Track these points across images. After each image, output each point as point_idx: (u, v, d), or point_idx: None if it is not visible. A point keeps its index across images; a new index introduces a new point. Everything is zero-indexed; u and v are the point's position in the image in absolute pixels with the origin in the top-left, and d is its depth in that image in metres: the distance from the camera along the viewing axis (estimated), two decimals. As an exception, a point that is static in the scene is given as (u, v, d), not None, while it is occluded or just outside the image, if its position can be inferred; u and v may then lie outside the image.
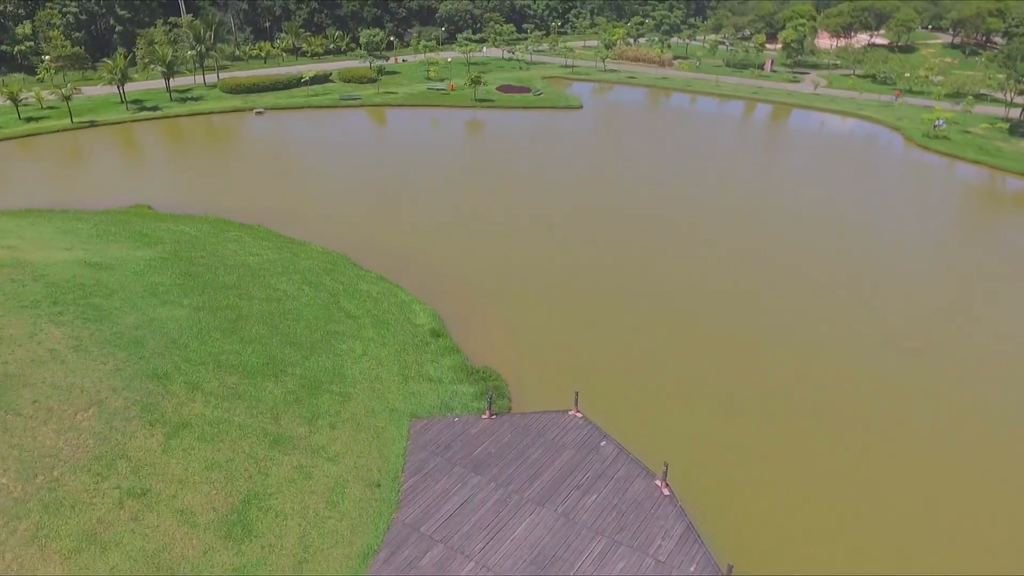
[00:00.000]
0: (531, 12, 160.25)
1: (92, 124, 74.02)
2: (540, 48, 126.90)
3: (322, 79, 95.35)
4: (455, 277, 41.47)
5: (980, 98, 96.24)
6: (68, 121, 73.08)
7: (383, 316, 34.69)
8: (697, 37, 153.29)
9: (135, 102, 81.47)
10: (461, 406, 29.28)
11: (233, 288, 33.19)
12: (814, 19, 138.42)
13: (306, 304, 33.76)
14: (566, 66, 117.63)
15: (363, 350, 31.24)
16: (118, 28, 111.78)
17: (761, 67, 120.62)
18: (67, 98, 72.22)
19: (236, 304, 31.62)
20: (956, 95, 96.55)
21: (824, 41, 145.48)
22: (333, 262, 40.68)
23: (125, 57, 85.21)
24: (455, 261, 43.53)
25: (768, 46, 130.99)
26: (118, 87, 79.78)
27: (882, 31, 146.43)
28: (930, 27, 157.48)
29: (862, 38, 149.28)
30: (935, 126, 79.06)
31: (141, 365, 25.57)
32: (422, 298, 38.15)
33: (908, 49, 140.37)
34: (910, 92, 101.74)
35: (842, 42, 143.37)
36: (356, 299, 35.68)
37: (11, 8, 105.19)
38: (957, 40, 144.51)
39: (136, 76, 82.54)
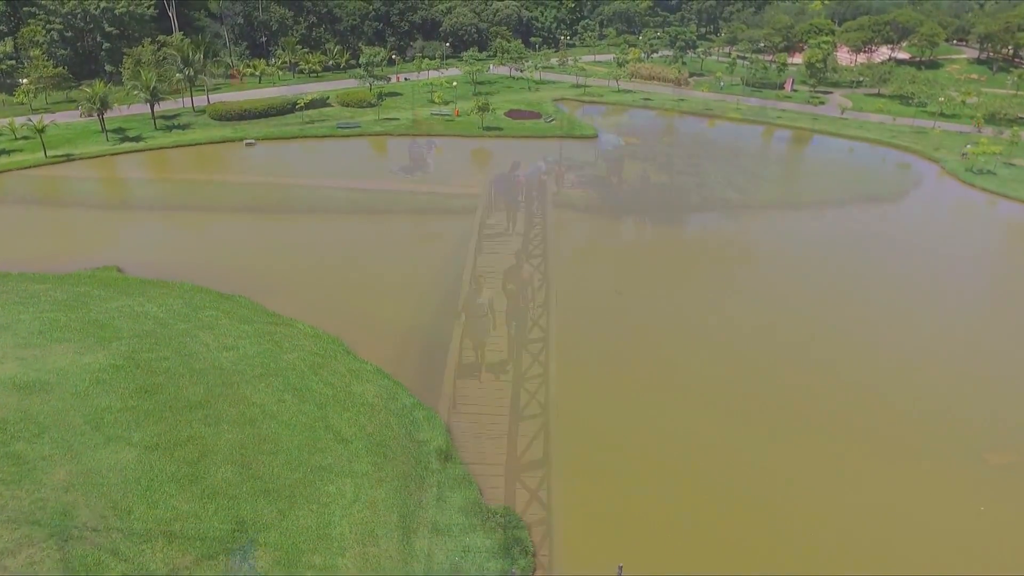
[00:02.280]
0: (539, 24, 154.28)
1: (68, 158, 68.34)
2: (548, 64, 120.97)
3: (319, 103, 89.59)
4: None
5: (1019, 122, 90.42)
6: (42, 155, 67.37)
7: (380, 435, 28.81)
8: (712, 50, 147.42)
9: (117, 131, 75.76)
10: (475, 569, 23.49)
11: (199, 408, 27.30)
12: (832, 33, 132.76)
13: (287, 425, 27.87)
14: (577, 85, 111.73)
15: (355, 493, 25.36)
16: (105, 45, 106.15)
17: (782, 87, 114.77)
18: (40, 130, 66.47)
19: (200, 435, 25.73)
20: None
21: (843, 55, 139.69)
22: (323, 351, 34.81)
23: (106, 82, 79.67)
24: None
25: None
26: (98, 116, 74.05)
27: (903, 45, 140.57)
28: (955, 41, 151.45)
29: (882, 52, 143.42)
30: (963, 155, 74.16)
31: (63, 554, 19.72)
32: (426, 398, 32.37)
33: (932, 65, 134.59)
34: (942, 116, 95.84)
35: (862, 57, 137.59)
36: (349, 411, 29.79)
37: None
38: (983, 56, 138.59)
39: (115, 103, 76.66)
